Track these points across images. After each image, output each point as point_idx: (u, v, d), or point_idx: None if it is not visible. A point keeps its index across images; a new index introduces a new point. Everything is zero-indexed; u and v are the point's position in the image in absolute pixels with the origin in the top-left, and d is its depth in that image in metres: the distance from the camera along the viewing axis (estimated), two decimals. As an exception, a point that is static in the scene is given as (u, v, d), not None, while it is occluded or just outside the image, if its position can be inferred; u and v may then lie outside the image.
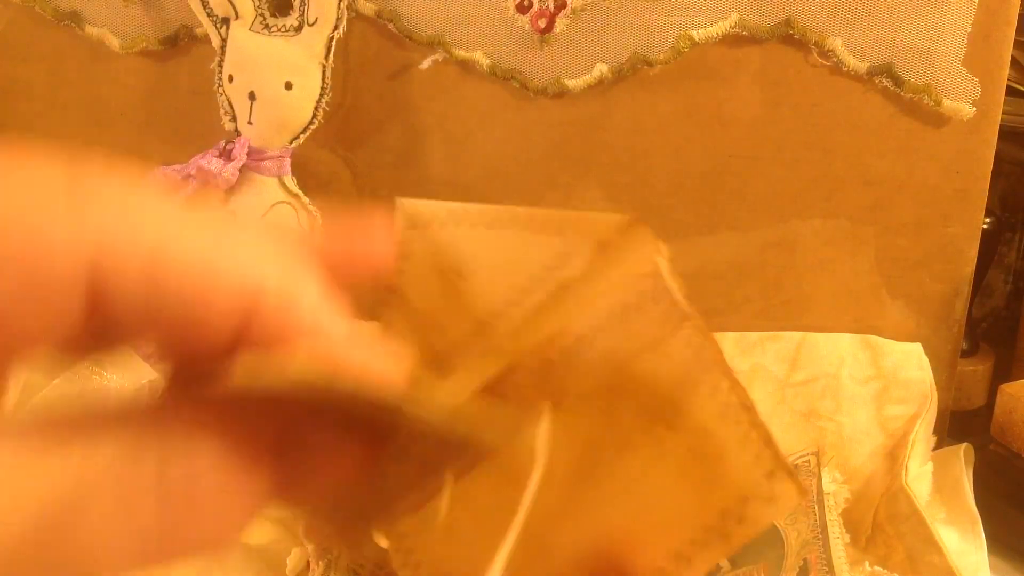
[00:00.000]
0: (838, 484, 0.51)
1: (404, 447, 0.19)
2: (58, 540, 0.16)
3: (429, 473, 0.20)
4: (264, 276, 0.18)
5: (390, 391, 0.18)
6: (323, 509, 0.21)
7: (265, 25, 0.54)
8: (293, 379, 0.17)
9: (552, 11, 0.55)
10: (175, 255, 0.17)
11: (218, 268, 0.17)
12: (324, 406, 0.18)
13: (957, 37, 0.51)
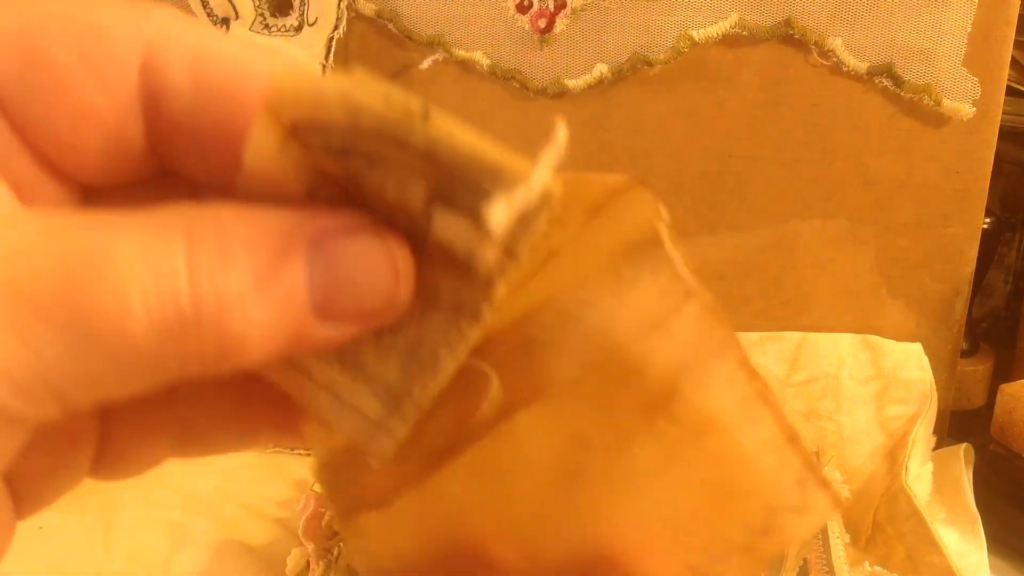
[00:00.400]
0: (838, 484, 0.51)
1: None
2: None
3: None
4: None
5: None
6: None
7: (265, 25, 0.54)
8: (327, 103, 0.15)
9: (552, 11, 0.55)
10: (217, 51, 0.17)
11: (253, 68, 0.17)
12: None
13: (957, 37, 0.51)
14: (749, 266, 0.58)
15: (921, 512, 0.48)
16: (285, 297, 0.16)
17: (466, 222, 0.16)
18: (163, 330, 0.15)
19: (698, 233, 0.58)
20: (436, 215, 0.16)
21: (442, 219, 0.16)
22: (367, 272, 0.16)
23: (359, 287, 0.16)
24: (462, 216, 0.16)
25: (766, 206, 0.57)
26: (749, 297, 0.59)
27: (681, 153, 0.57)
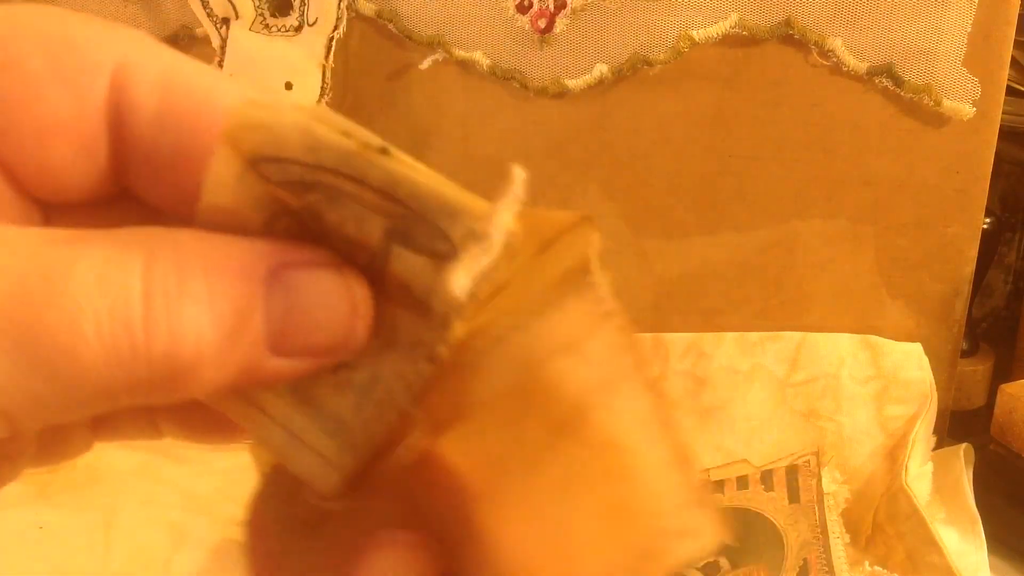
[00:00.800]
0: (838, 484, 0.51)
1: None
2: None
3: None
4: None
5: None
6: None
7: (265, 25, 0.54)
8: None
9: (552, 11, 0.55)
10: (186, 77, 0.17)
11: (220, 98, 0.17)
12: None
13: (957, 37, 0.51)
14: (749, 266, 0.58)
15: (921, 512, 0.48)
16: (240, 329, 0.15)
17: (424, 261, 0.16)
18: (113, 357, 0.15)
19: (698, 233, 0.58)
20: (394, 252, 0.16)
21: (400, 257, 0.16)
22: (325, 308, 0.16)
23: (316, 322, 0.16)
24: (421, 255, 0.16)
25: (766, 206, 0.57)
26: (749, 297, 0.59)
27: (681, 153, 0.57)
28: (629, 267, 0.60)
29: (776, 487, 0.47)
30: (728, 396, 0.57)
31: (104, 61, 0.17)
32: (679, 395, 0.59)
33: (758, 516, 0.46)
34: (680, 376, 0.58)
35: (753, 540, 0.44)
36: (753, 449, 0.55)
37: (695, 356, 0.58)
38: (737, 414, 0.57)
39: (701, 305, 0.60)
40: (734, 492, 0.48)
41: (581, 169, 0.58)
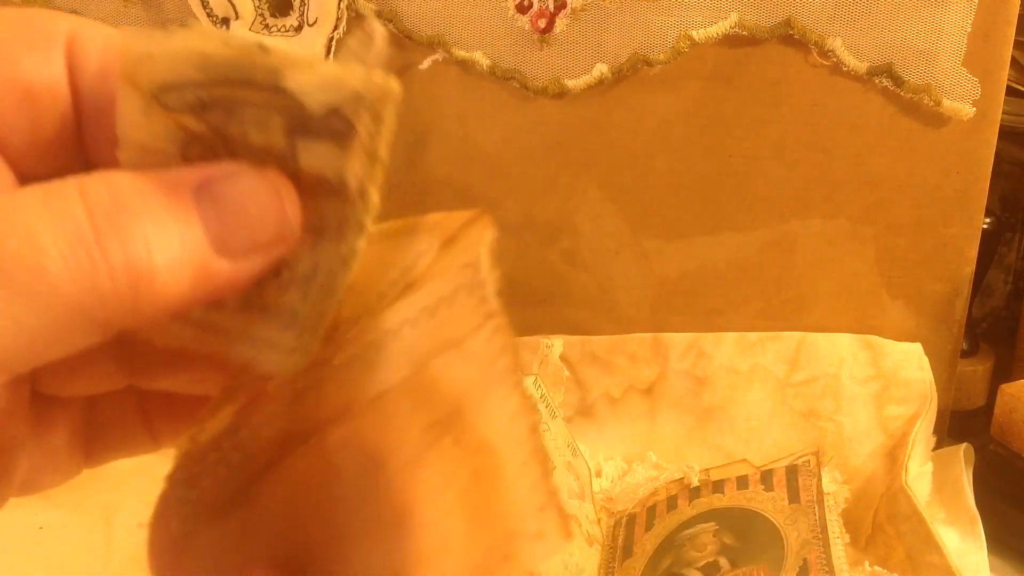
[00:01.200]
0: (838, 484, 0.51)
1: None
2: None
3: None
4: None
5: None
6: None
7: (265, 25, 0.54)
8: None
9: (552, 11, 0.55)
10: (123, 37, 0.19)
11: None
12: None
13: (957, 37, 0.51)
14: (749, 266, 0.58)
15: (921, 512, 0.48)
16: (184, 239, 0.17)
17: (328, 145, 0.17)
18: (77, 271, 0.16)
19: (698, 233, 0.58)
20: (300, 147, 0.17)
21: (307, 149, 0.17)
22: (255, 204, 0.17)
23: (251, 219, 0.17)
24: (323, 141, 0.17)
25: (766, 206, 0.57)
26: (749, 297, 0.59)
27: (681, 153, 0.57)
28: (629, 267, 0.60)
29: (776, 487, 0.47)
30: (728, 396, 0.58)
31: (59, 31, 0.19)
32: (679, 395, 0.59)
33: (758, 516, 0.46)
34: (680, 376, 0.58)
35: (753, 540, 0.44)
36: (753, 449, 0.55)
37: (695, 356, 0.58)
38: (737, 414, 0.57)
39: (701, 305, 0.60)
40: (734, 492, 0.48)
41: (581, 169, 0.58)
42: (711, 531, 0.46)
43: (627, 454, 0.57)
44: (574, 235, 0.60)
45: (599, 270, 0.60)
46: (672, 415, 0.59)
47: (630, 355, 0.59)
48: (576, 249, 0.60)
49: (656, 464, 0.56)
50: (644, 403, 0.59)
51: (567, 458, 0.49)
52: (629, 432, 0.59)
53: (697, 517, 0.48)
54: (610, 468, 0.57)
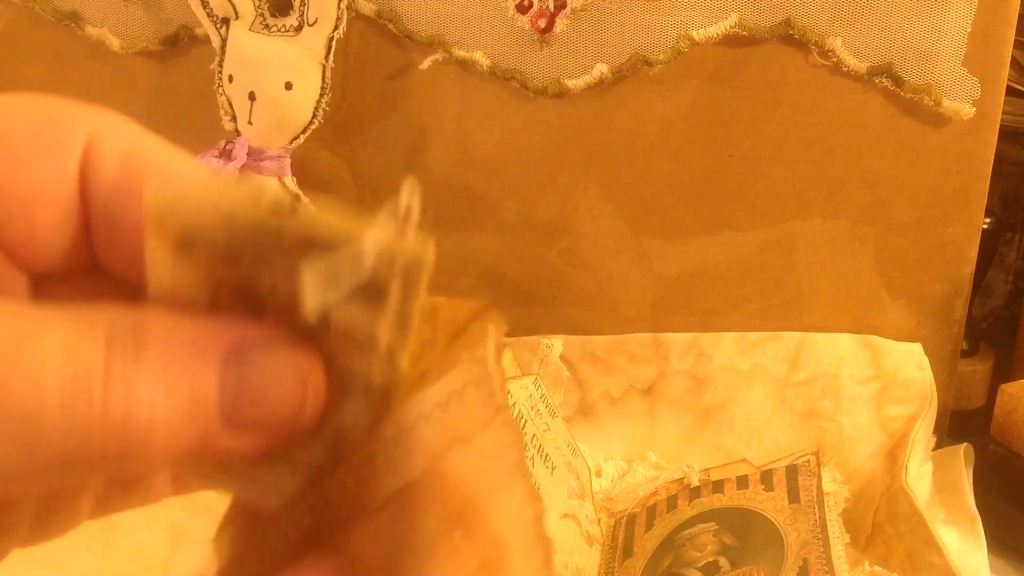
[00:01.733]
0: (838, 484, 0.51)
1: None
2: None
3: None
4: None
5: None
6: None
7: (265, 25, 0.54)
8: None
9: (552, 11, 0.55)
10: (147, 152, 0.19)
11: (175, 174, 0.19)
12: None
13: (957, 37, 0.51)
14: (749, 266, 0.58)
15: (921, 512, 0.48)
16: (194, 403, 0.16)
17: (358, 307, 0.17)
18: (72, 423, 0.15)
19: (698, 233, 0.58)
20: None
21: (336, 309, 0.17)
22: (279, 386, 0.17)
23: (269, 400, 0.17)
24: (353, 303, 0.17)
25: (766, 206, 0.57)
26: (749, 297, 0.59)
27: (681, 153, 0.57)
28: (629, 267, 0.60)
29: (776, 487, 0.47)
30: (728, 396, 0.58)
31: (77, 135, 0.18)
32: (679, 395, 0.59)
33: (758, 516, 0.46)
34: (680, 376, 0.58)
35: (753, 540, 0.44)
36: (753, 449, 0.55)
37: (695, 356, 0.58)
38: (737, 414, 0.57)
39: (701, 305, 0.60)
40: (734, 492, 0.48)
41: (581, 169, 0.58)
42: (711, 531, 0.46)
43: (627, 454, 0.57)
44: (574, 235, 0.60)
45: (599, 270, 0.60)
46: (672, 415, 0.59)
47: (630, 355, 0.59)
48: (576, 249, 0.60)
49: (656, 464, 0.56)
50: (644, 403, 0.59)
51: (567, 458, 0.49)
52: (629, 432, 0.59)
53: (697, 517, 0.48)
54: (610, 468, 0.56)
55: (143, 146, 0.19)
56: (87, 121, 0.19)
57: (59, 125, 0.18)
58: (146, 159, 0.19)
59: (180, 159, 0.19)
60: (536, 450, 0.45)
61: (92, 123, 0.19)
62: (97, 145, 0.18)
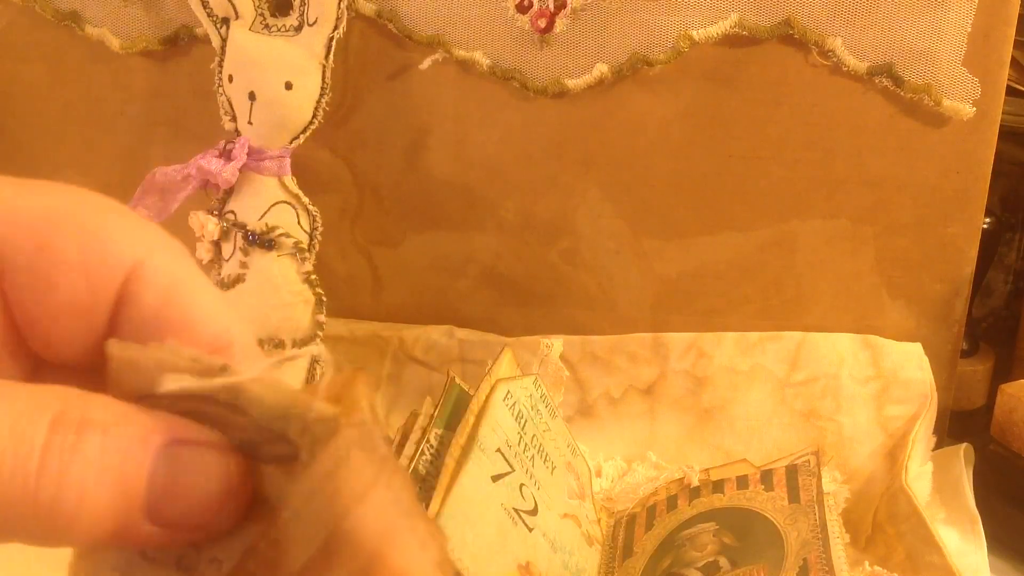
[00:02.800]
0: (838, 484, 0.51)
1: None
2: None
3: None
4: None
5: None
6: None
7: (265, 25, 0.54)
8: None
9: (552, 11, 0.55)
10: (190, 293, 0.20)
11: (217, 320, 0.20)
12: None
13: (957, 37, 0.51)
14: (749, 266, 0.58)
15: (921, 512, 0.48)
16: (122, 494, 0.17)
17: (273, 469, 0.18)
18: (8, 497, 0.16)
19: (698, 233, 0.58)
20: (262, 450, 0.19)
21: (256, 469, 0.18)
22: (206, 486, 0.18)
23: (194, 499, 0.18)
24: (269, 464, 0.18)
25: (766, 206, 0.57)
26: (749, 297, 0.59)
27: (681, 153, 0.57)
28: (629, 267, 0.60)
29: (776, 487, 0.47)
30: (728, 396, 0.57)
31: (125, 259, 0.20)
32: (679, 395, 0.59)
33: (758, 516, 0.46)
34: (680, 376, 0.58)
35: (753, 540, 0.44)
36: (753, 449, 0.55)
37: (695, 356, 0.58)
38: (737, 414, 0.57)
39: (701, 305, 0.60)
40: (734, 492, 0.48)
41: (581, 169, 0.58)
42: (711, 531, 0.46)
43: (627, 454, 0.57)
44: (574, 235, 0.60)
45: (599, 270, 0.60)
46: (672, 415, 0.58)
47: (630, 355, 0.59)
48: (576, 249, 0.60)
49: (656, 464, 0.56)
50: (644, 403, 0.59)
51: (567, 458, 0.49)
52: (629, 432, 0.59)
53: (697, 517, 0.48)
54: (610, 468, 0.56)
55: (185, 286, 0.20)
56: (136, 245, 0.20)
57: (108, 244, 0.19)
58: (188, 302, 0.20)
59: (214, 300, 0.20)
60: (536, 450, 0.45)
61: (141, 248, 0.20)
62: (140, 276, 0.19)
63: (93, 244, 0.19)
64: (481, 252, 0.62)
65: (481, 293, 0.63)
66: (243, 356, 0.20)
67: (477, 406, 0.43)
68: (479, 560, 0.38)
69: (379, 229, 0.63)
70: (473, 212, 0.61)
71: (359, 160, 0.62)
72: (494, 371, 0.45)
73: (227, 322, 0.20)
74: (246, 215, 0.55)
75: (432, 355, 0.62)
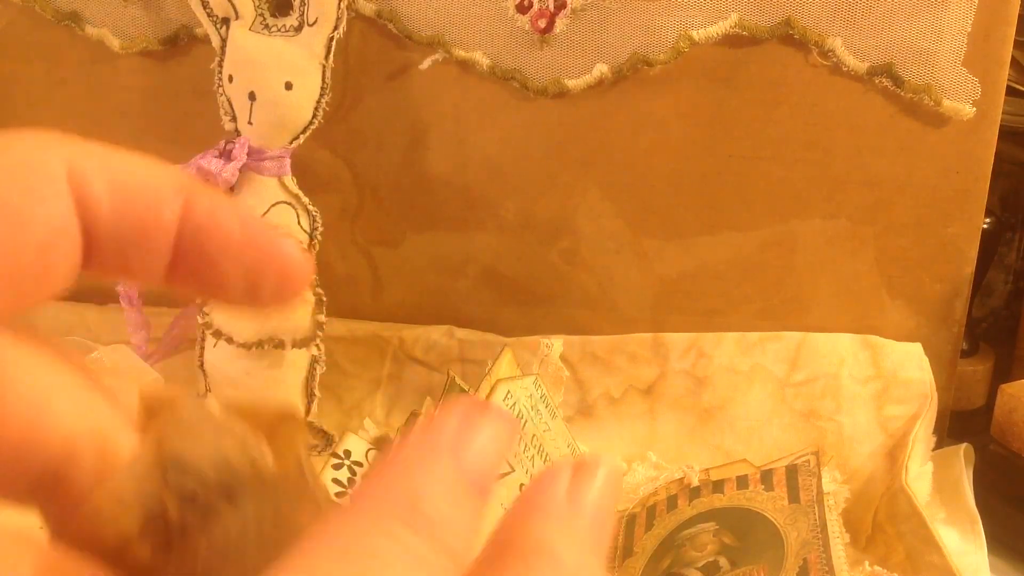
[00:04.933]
0: (838, 484, 0.51)
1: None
2: None
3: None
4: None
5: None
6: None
7: (265, 25, 0.54)
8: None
9: (552, 11, 0.55)
10: (130, 164, 0.19)
11: (165, 179, 0.19)
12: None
13: (957, 37, 0.51)
14: (749, 266, 0.58)
15: (921, 512, 0.48)
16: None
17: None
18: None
19: (698, 233, 0.58)
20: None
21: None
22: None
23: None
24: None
25: (766, 206, 0.57)
26: (749, 297, 0.59)
27: (681, 153, 0.57)
28: (629, 267, 0.60)
29: (776, 487, 0.47)
30: (728, 396, 0.57)
31: (58, 170, 0.18)
32: (679, 395, 0.59)
33: (758, 516, 0.46)
34: (680, 376, 0.58)
35: (753, 540, 0.44)
36: (753, 449, 0.55)
37: (695, 356, 0.58)
38: (737, 414, 0.57)
39: (701, 305, 0.60)
40: (734, 492, 0.48)
41: (581, 169, 0.58)
42: (711, 531, 0.46)
43: (627, 454, 0.57)
44: (574, 235, 0.60)
45: (599, 270, 0.60)
46: (672, 415, 0.59)
47: (630, 355, 0.59)
48: (576, 249, 0.60)
49: (656, 464, 0.56)
50: (644, 403, 0.59)
51: (567, 458, 0.49)
52: (629, 432, 0.59)
53: (697, 517, 0.48)
54: (610, 468, 0.56)
55: (122, 166, 0.19)
56: (59, 153, 0.18)
57: (38, 163, 0.18)
58: (131, 181, 0.19)
59: (155, 169, 0.19)
60: (536, 450, 0.45)
61: (64, 153, 0.18)
62: (80, 174, 0.18)
63: (21, 172, 0.18)
64: (481, 252, 0.62)
65: (481, 293, 0.63)
66: (205, 191, 0.19)
67: (477, 406, 0.43)
68: (479, 560, 0.38)
69: (379, 229, 0.63)
70: (473, 212, 0.61)
71: (359, 160, 0.62)
72: (494, 371, 0.45)
73: (178, 174, 0.19)
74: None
75: (432, 355, 0.62)
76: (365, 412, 0.62)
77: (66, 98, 0.65)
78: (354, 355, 0.63)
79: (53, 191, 0.18)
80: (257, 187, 0.55)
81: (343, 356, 0.63)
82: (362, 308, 0.65)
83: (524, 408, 0.46)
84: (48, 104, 0.65)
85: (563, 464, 0.17)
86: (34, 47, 0.64)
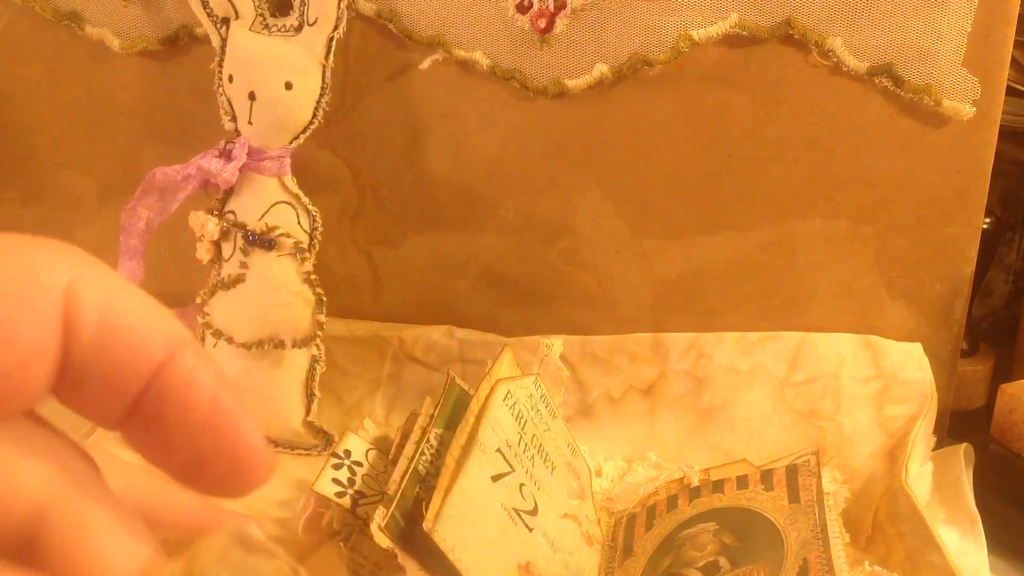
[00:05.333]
0: (838, 484, 0.51)
1: None
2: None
3: None
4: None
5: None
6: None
7: (265, 25, 0.54)
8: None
9: (552, 11, 0.55)
10: (125, 301, 0.18)
11: (154, 325, 0.19)
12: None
13: (957, 37, 0.51)
14: (749, 266, 0.58)
15: (921, 512, 0.48)
16: None
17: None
18: None
19: (698, 233, 0.58)
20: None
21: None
22: None
23: None
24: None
25: (766, 206, 0.57)
26: (749, 297, 0.59)
27: (681, 153, 0.57)
28: (629, 267, 0.60)
29: (776, 487, 0.47)
30: (728, 396, 0.57)
31: (56, 286, 0.18)
32: (679, 395, 0.59)
33: (758, 516, 0.46)
34: (680, 376, 0.58)
35: (753, 540, 0.44)
36: (753, 449, 0.55)
37: (695, 356, 0.58)
38: (737, 414, 0.57)
39: (701, 305, 0.60)
40: (734, 492, 0.48)
41: (581, 169, 0.58)
42: (711, 531, 0.46)
43: (627, 454, 0.57)
44: (574, 235, 0.60)
45: (599, 270, 0.60)
46: (672, 415, 0.59)
47: (630, 355, 0.59)
48: (576, 249, 0.60)
49: (656, 464, 0.56)
50: (644, 403, 0.59)
51: (567, 458, 0.49)
52: (629, 432, 0.59)
53: (697, 517, 0.48)
54: (610, 468, 0.56)
55: (121, 301, 0.18)
56: (61, 271, 0.18)
57: (39, 278, 0.18)
58: (121, 317, 0.18)
59: (153, 305, 0.19)
60: (536, 450, 0.45)
61: (67, 271, 0.18)
62: (76, 295, 0.18)
63: (19, 282, 0.18)
64: (481, 252, 0.62)
65: (481, 293, 0.63)
66: (194, 353, 0.19)
67: (477, 406, 0.43)
68: (479, 560, 0.38)
69: (379, 229, 0.63)
70: (473, 212, 0.61)
71: (359, 160, 0.62)
72: (494, 371, 0.45)
73: (172, 325, 0.19)
74: (246, 215, 0.55)
75: (432, 355, 0.62)
76: (365, 412, 0.62)
77: (66, 98, 0.65)
78: (354, 355, 0.63)
79: (47, 303, 0.18)
80: (257, 187, 0.55)
81: (343, 356, 0.63)
82: (362, 308, 0.65)
83: (524, 408, 0.46)
84: (48, 104, 0.65)
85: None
86: (34, 47, 0.64)
